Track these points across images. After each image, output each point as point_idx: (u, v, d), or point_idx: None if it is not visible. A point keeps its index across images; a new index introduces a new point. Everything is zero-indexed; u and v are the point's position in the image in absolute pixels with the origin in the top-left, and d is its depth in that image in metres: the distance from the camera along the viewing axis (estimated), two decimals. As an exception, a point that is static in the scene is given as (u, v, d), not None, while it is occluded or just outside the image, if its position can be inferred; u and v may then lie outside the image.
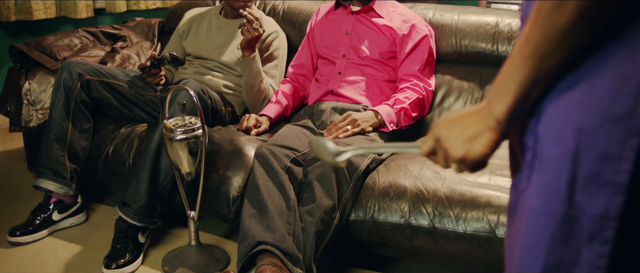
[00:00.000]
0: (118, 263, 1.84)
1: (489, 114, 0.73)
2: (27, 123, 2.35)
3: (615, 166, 0.65)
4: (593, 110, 0.65)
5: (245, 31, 2.04)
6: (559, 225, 0.68)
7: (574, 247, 0.68)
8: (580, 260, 0.68)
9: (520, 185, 0.74)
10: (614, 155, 0.64)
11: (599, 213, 0.66)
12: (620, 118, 0.64)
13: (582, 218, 0.67)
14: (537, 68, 0.67)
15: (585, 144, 0.66)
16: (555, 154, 0.68)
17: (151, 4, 3.54)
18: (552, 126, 0.69)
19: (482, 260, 1.59)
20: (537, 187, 0.70)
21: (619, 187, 0.65)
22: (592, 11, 0.62)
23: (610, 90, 0.64)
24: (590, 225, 0.66)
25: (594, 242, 0.67)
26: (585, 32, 0.64)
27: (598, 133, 0.65)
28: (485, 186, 1.63)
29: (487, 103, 0.74)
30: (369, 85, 2.08)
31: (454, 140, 0.76)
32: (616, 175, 0.65)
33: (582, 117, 0.66)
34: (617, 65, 0.64)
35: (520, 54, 0.68)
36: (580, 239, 0.67)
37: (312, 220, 1.64)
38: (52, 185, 2.04)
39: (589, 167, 0.66)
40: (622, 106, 0.64)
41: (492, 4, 3.27)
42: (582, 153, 0.66)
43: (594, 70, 0.66)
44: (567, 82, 0.68)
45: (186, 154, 1.74)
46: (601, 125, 0.65)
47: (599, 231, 0.66)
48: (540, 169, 0.70)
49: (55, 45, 2.47)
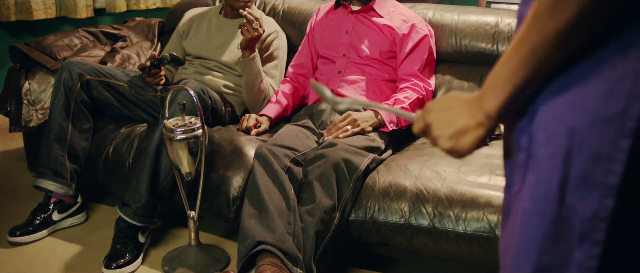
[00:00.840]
0: (118, 263, 1.84)
1: (479, 108, 0.73)
2: (27, 123, 2.35)
3: (606, 167, 0.64)
4: (585, 110, 0.65)
5: (245, 31, 2.04)
6: (550, 225, 0.67)
7: (565, 248, 0.67)
8: (571, 261, 0.67)
9: (514, 185, 0.74)
10: (606, 156, 0.64)
11: (589, 214, 0.65)
12: (612, 118, 0.63)
13: (573, 219, 0.66)
14: (533, 70, 0.67)
15: (577, 145, 0.65)
16: (547, 154, 0.68)
17: (151, 4, 3.54)
18: (544, 126, 0.68)
19: (482, 260, 1.59)
20: (529, 187, 0.70)
21: (610, 188, 0.64)
22: (592, 12, 0.62)
23: (603, 90, 0.64)
24: (581, 226, 0.66)
25: (584, 243, 0.66)
26: (584, 33, 0.64)
27: (590, 134, 0.64)
28: (485, 186, 1.63)
29: (479, 96, 0.74)
30: (369, 85, 2.08)
31: (442, 131, 0.77)
32: (607, 176, 0.64)
33: (574, 117, 0.65)
34: (610, 66, 0.64)
35: (516, 54, 0.68)
36: (571, 240, 0.67)
37: (312, 220, 1.64)
38: (52, 185, 2.04)
39: (581, 167, 0.65)
40: (615, 106, 0.63)
41: (492, 4, 3.27)
42: (574, 153, 0.66)
43: (587, 71, 0.65)
44: (561, 82, 0.67)
45: (186, 154, 1.74)
46: (593, 125, 0.64)
47: (590, 233, 0.66)
48: (533, 169, 0.69)
49: (55, 45, 2.47)
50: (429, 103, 0.81)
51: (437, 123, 0.77)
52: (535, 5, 0.65)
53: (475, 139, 0.75)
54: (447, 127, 0.76)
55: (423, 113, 0.80)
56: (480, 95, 0.74)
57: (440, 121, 0.77)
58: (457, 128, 0.75)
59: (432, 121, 0.78)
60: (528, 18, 0.66)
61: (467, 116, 0.74)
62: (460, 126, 0.75)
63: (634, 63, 0.63)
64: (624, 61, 0.63)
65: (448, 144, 0.77)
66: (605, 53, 0.64)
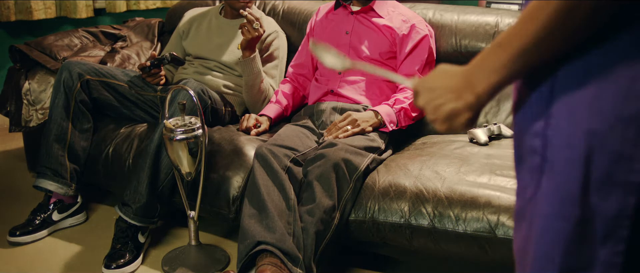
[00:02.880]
0: (118, 263, 1.84)
1: (468, 88, 0.75)
2: (27, 123, 2.35)
3: (628, 166, 0.65)
4: (604, 111, 0.65)
5: (246, 31, 2.04)
6: (574, 228, 0.68)
7: (590, 249, 0.68)
8: (596, 260, 0.68)
9: (528, 190, 0.74)
10: (627, 156, 0.64)
11: (613, 213, 0.66)
12: (631, 118, 0.64)
13: (596, 219, 0.67)
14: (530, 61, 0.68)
15: (598, 146, 0.66)
16: (566, 157, 0.68)
17: (151, 4, 3.54)
18: (562, 130, 0.68)
19: (482, 260, 1.59)
20: (548, 192, 0.70)
21: (632, 186, 0.65)
22: (599, 14, 0.62)
23: (620, 91, 0.64)
24: (604, 225, 0.67)
25: (609, 241, 0.67)
26: (587, 29, 0.64)
27: (610, 135, 0.65)
28: (485, 186, 1.63)
29: (466, 73, 0.75)
30: (369, 85, 2.08)
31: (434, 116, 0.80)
32: (629, 175, 0.65)
33: (592, 119, 0.66)
34: (626, 65, 0.64)
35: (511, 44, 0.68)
36: (595, 240, 0.67)
37: (312, 220, 1.64)
38: (52, 185, 2.04)
39: (602, 169, 0.66)
40: (633, 106, 0.63)
41: (492, 4, 3.27)
42: (595, 155, 0.66)
43: (603, 71, 0.65)
44: (575, 84, 0.67)
45: (186, 154, 1.74)
46: (612, 127, 0.65)
47: (614, 231, 0.66)
48: (551, 174, 0.69)
49: (55, 45, 2.47)
50: (418, 81, 0.83)
51: (428, 108, 0.80)
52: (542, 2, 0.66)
53: (466, 121, 0.77)
54: (437, 112, 0.79)
55: (413, 95, 0.84)
56: (468, 73, 0.75)
57: (429, 105, 0.80)
58: (447, 113, 0.78)
59: (424, 106, 0.81)
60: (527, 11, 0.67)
61: (453, 100, 0.77)
62: (449, 111, 0.77)
63: None
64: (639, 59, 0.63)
65: (443, 128, 0.80)
66: (619, 52, 0.64)
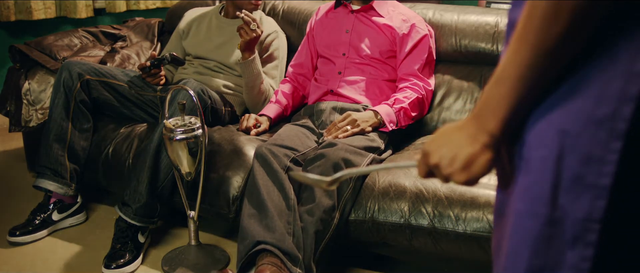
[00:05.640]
0: (118, 263, 1.84)
1: (480, 130, 0.72)
2: (27, 123, 2.35)
3: (598, 169, 0.64)
4: (577, 113, 0.65)
5: (244, 33, 2.03)
6: (543, 227, 0.67)
7: (558, 250, 0.67)
8: (563, 263, 0.67)
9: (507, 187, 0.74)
10: (597, 158, 0.64)
11: (582, 215, 0.65)
12: (603, 120, 0.63)
13: (565, 220, 0.66)
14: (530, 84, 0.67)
15: (569, 147, 0.65)
16: (539, 156, 0.68)
17: (151, 4, 3.54)
18: (536, 129, 0.68)
19: (482, 260, 1.59)
20: (521, 189, 0.70)
21: (602, 190, 0.64)
22: (588, 13, 0.62)
23: (594, 92, 0.64)
24: (573, 227, 0.66)
25: (577, 244, 0.66)
26: (582, 38, 0.63)
27: (581, 136, 0.64)
28: (485, 186, 1.63)
29: (474, 118, 0.72)
30: (369, 85, 2.08)
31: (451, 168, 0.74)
32: (599, 178, 0.64)
33: (565, 119, 0.65)
34: (600, 68, 0.64)
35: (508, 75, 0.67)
36: (564, 242, 0.67)
37: (311, 219, 1.64)
38: (52, 185, 2.04)
39: (573, 169, 0.65)
40: (606, 108, 0.63)
41: (492, 4, 3.27)
42: (566, 155, 0.65)
43: (577, 73, 0.65)
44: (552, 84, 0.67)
45: (186, 154, 1.74)
46: (585, 127, 0.64)
47: (583, 234, 0.65)
48: (526, 172, 0.69)
49: (55, 45, 2.47)
50: (425, 145, 0.78)
51: (443, 162, 0.75)
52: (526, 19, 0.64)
53: (486, 163, 0.73)
54: (453, 163, 0.74)
55: (423, 158, 0.78)
56: (476, 116, 0.72)
57: (444, 158, 0.75)
58: (464, 160, 0.73)
59: (438, 162, 0.76)
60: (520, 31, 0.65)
61: (468, 145, 0.73)
62: (466, 157, 0.73)
63: (622, 65, 0.62)
64: (613, 63, 0.63)
65: (462, 178, 0.74)
66: (594, 56, 0.64)
